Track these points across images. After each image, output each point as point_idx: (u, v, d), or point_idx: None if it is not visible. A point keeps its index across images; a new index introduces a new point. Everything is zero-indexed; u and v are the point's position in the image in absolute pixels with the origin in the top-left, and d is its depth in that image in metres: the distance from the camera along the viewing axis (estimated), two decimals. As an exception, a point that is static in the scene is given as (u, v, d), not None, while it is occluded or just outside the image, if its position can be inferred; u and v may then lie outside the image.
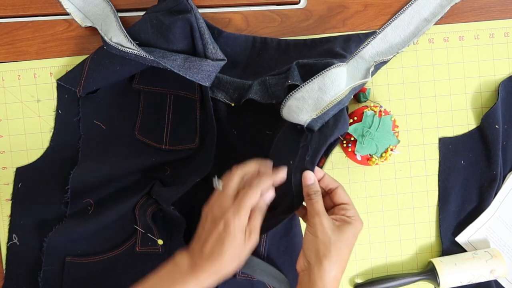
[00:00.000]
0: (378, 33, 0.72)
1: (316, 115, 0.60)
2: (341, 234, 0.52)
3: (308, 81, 0.61)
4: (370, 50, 0.71)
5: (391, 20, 0.73)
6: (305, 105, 0.60)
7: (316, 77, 0.60)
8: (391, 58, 0.71)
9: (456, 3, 0.73)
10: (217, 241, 0.52)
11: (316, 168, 0.58)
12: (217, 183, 0.57)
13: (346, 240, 0.52)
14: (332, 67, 0.61)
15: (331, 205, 0.57)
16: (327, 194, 0.58)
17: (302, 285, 0.53)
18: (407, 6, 0.73)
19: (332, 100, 0.60)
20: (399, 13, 0.73)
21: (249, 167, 0.57)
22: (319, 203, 0.54)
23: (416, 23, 0.72)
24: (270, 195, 0.56)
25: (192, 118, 0.68)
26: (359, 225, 0.54)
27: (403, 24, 0.73)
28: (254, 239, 0.54)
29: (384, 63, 0.71)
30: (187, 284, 0.52)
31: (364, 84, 0.67)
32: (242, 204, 0.53)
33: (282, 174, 0.57)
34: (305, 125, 0.60)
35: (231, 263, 0.53)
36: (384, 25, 0.73)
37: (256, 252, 0.66)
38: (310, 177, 0.55)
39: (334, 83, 0.60)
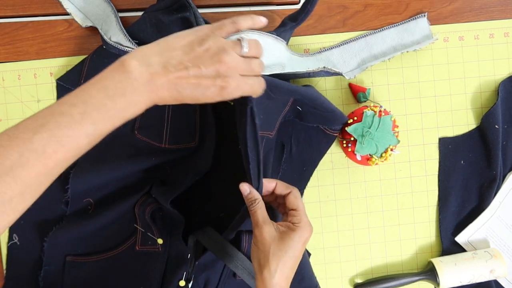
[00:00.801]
0: (324, 50, 0.72)
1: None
2: (282, 243, 0.51)
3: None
4: (312, 60, 0.70)
5: (340, 43, 0.73)
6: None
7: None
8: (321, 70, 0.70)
9: (408, 51, 0.73)
10: (201, 87, 0.45)
11: (267, 180, 0.57)
12: (244, 41, 0.49)
13: (287, 249, 0.50)
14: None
15: (287, 211, 0.56)
16: (283, 200, 0.57)
17: None
18: (360, 36, 0.73)
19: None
20: (350, 39, 0.73)
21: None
22: (257, 213, 0.52)
23: (363, 56, 0.73)
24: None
25: (192, 117, 0.68)
26: (305, 232, 0.52)
27: (351, 52, 0.73)
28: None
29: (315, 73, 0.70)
30: (138, 97, 0.43)
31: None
32: (254, 64, 0.49)
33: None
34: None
35: (189, 102, 0.46)
36: (333, 46, 0.73)
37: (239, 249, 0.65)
38: (245, 189, 0.54)
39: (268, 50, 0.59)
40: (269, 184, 0.56)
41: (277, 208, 0.59)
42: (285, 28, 0.65)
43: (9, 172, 0.37)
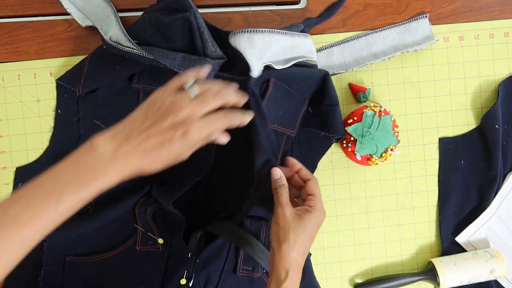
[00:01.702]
0: (325, 48, 0.73)
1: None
2: (301, 222, 0.55)
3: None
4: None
5: (341, 41, 0.74)
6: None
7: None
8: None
9: (408, 51, 0.74)
10: (161, 142, 0.48)
11: (295, 162, 0.62)
12: (190, 86, 0.52)
13: (305, 227, 0.55)
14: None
15: (305, 196, 0.60)
16: (303, 186, 0.62)
17: (269, 273, 0.56)
18: (362, 35, 0.74)
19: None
20: (351, 38, 0.74)
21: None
22: (283, 196, 0.58)
23: (364, 54, 0.74)
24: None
25: None
26: (320, 214, 0.57)
27: (352, 50, 0.74)
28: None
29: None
30: (106, 175, 0.47)
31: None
32: (211, 120, 0.51)
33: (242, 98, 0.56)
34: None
35: (165, 164, 0.50)
36: (333, 43, 0.74)
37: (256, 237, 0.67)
38: (277, 173, 0.60)
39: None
40: (296, 165, 0.62)
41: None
42: (309, 22, 0.69)
43: None
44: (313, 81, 0.68)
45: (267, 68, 0.64)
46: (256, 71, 0.62)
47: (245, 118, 0.56)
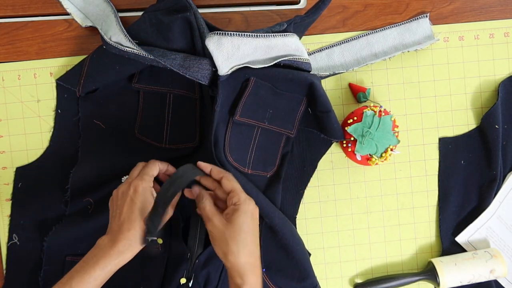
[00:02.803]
0: (326, 48, 0.73)
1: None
2: (233, 225, 0.55)
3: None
4: (311, 61, 0.71)
5: (341, 41, 0.74)
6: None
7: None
8: (327, 75, 0.72)
9: (409, 51, 0.74)
10: (129, 203, 0.57)
11: (204, 165, 0.61)
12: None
13: (240, 228, 0.55)
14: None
15: (225, 197, 0.60)
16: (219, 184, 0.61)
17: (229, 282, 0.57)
18: (362, 34, 0.74)
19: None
20: (352, 38, 0.74)
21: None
22: (206, 208, 0.58)
23: (364, 54, 0.74)
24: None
25: (192, 117, 0.68)
26: (247, 205, 0.57)
27: (353, 50, 0.74)
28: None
29: (322, 77, 0.72)
30: (109, 257, 0.55)
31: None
32: (145, 171, 0.60)
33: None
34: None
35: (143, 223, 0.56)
36: (334, 43, 0.73)
37: None
38: (196, 190, 0.61)
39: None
40: (207, 168, 0.61)
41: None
42: (294, 20, 0.67)
43: None
44: (297, 85, 0.67)
45: (247, 68, 0.65)
46: (223, 70, 0.63)
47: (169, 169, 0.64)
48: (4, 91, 0.71)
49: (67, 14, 0.71)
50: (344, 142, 0.71)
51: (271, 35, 0.64)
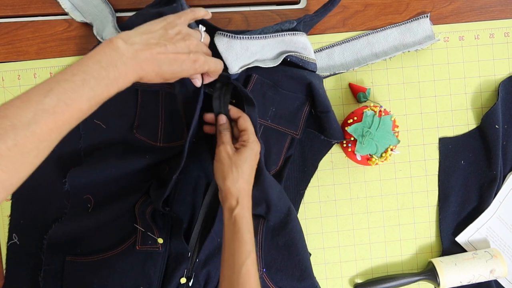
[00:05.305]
0: (326, 48, 0.73)
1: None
2: (240, 156, 0.60)
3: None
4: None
5: (342, 41, 0.74)
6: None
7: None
8: (327, 75, 0.72)
9: (409, 51, 0.74)
10: (177, 60, 0.54)
11: (233, 108, 0.65)
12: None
13: (245, 159, 0.60)
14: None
15: (238, 134, 0.65)
16: (235, 124, 0.66)
17: (223, 212, 0.60)
18: (363, 34, 0.74)
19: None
20: (352, 38, 0.74)
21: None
22: (226, 136, 0.63)
23: (365, 54, 0.74)
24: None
25: (179, 114, 0.68)
26: (255, 145, 0.62)
27: (353, 50, 0.74)
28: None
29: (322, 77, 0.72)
30: (127, 68, 0.50)
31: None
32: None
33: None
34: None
35: (164, 79, 0.54)
36: (334, 43, 0.74)
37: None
38: (223, 119, 0.64)
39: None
40: (232, 111, 0.65)
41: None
42: (304, 19, 0.68)
43: (27, 128, 0.42)
44: (297, 83, 0.68)
45: (253, 67, 0.66)
46: (233, 69, 0.64)
47: (221, 67, 0.61)
48: (4, 91, 0.71)
49: (67, 14, 0.71)
50: (344, 142, 0.71)
51: (280, 35, 0.65)
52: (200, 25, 0.60)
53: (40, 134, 0.43)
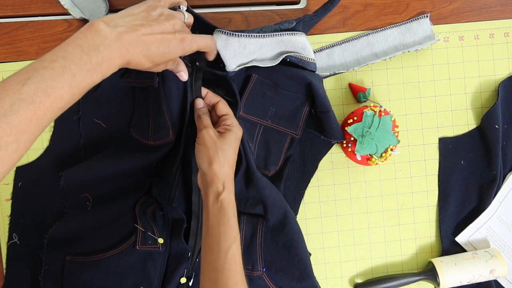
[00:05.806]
0: (326, 48, 0.74)
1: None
2: (225, 140, 0.60)
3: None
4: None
5: (342, 41, 0.74)
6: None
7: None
8: (327, 75, 0.72)
9: (409, 51, 0.74)
10: (165, 41, 0.51)
11: (209, 93, 0.66)
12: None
13: (230, 143, 0.60)
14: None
15: (216, 119, 0.65)
16: (212, 109, 0.66)
17: (205, 197, 0.59)
18: (363, 34, 0.74)
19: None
20: (352, 38, 0.74)
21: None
22: (207, 119, 0.62)
23: (365, 54, 0.74)
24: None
25: (162, 110, 0.66)
26: (239, 130, 0.62)
27: (353, 50, 0.74)
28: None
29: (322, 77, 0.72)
30: (111, 52, 0.47)
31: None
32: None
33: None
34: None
35: (153, 62, 0.52)
36: (334, 43, 0.74)
37: (253, 243, 0.67)
38: (200, 103, 0.64)
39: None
40: (203, 91, 0.66)
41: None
42: (303, 19, 0.68)
43: (3, 119, 0.39)
44: (296, 83, 0.68)
45: (253, 66, 0.66)
46: (231, 66, 0.64)
47: (213, 45, 0.61)
48: (4, 91, 0.71)
49: (67, 14, 0.71)
50: (344, 142, 0.71)
51: (278, 34, 0.65)
52: (182, 6, 0.59)
53: (18, 125, 0.40)
